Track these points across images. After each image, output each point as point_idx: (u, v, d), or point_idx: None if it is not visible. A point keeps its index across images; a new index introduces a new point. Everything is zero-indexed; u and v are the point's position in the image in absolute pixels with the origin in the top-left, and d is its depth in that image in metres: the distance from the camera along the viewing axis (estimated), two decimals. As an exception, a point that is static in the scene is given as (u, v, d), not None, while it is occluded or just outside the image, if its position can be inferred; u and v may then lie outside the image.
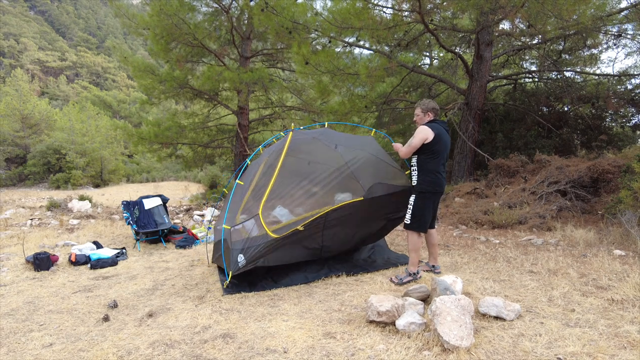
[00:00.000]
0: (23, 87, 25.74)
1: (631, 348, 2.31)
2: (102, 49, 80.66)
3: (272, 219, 3.78)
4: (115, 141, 26.85)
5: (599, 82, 8.88)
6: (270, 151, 4.05)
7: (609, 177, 6.19)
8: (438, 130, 3.60)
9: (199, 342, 2.66)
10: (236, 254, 3.33)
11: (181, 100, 12.69)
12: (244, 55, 11.58)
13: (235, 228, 3.46)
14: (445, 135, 3.66)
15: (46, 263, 4.73)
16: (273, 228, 3.52)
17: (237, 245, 3.39)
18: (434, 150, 3.59)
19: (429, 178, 3.60)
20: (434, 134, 3.56)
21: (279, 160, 3.77)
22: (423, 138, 3.55)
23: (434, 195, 3.65)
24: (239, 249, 3.37)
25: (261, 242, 3.42)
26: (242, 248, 3.38)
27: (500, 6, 6.40)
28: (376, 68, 7.75)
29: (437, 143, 3.58)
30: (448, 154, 3.80)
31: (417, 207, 3.62)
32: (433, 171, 3.60)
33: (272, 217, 3.77)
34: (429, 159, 3.60)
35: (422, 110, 3.79)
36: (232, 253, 3.34)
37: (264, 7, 7.80)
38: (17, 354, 2.63)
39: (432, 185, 3.60)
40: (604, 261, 3.95)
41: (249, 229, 3.50)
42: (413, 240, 3.66)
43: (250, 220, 3.52)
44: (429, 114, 3.77)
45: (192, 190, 17.15)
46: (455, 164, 8.93)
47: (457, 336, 2.35)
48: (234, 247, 3.37)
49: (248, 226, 3.51)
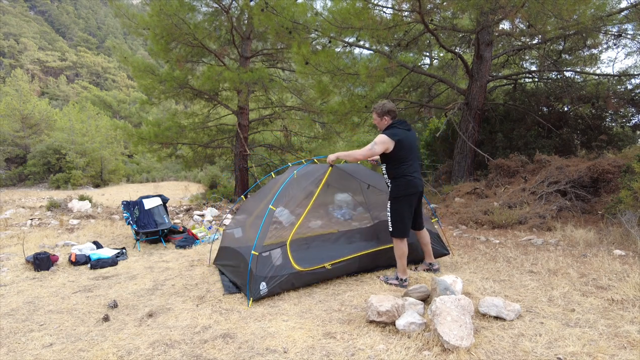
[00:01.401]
0: (23, 87, 25.75)
1: (631, 348, 2.31)
2: (102, 49, 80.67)
3: (278, 225, 3.80)
4: (115, 141, 26.86)
5: (599, 82, 8.88)
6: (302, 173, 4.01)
7: (609, 177, 6.19)
8: (399, 136, 3.49)
9: (199, 342, 2.66)
10: (259, 282, 3.39)
11: (181, 100, 12.68)
12: (244, 55, 11.58)
13: (262, 255, 3.48)
14: (407, 138, 3.55)
15: (46, 263, 4.73)
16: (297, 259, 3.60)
17: (262, 273, 3.43)
18: (398, 157, 3.53)
19: (401, 182, 3.56)
20: (394, 142, 3.47)
21: (315, 193, 3.80)
22: (383, 148, 3.49)
23: (408, 197, 3.58)
24: (262, 277, 3.42)
25: (285, 272, 3.50)
26: (266, 276, 3.43)
27: (500, 6, 6.40)
28: (376, 68, 7.75)
29: (400, 150, 3.51)
30: (418, 152, 3.73)
31: (394, 212, 3.59)
32: (403, 175, 3.55)
33: (278, 223, 3.80)
34: (396, 165, 3.56)
35: (378, 114, 3.67)
36: (256, 280, 3.39)
37: (264, 7, 7.79)
38: (17, 354, 2.63)
39: (404, 189, 3.55)
40: (604, 261, 3.95)
41: (275, 257, 3.55)
42: (397, 246, 3.62)
43: (277, 249, 3.57)
44: (385, 117, 3.65)
45: (192, 190, 17.16)
46: (455, 164, 8.93)
47: (457, 336, 2.35)
48: (258, 274, 3.42)
49: (275, 255, 3.55)
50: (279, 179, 4.26)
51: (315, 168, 4.12)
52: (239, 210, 4.95)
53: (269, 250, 3.52)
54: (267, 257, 3.49)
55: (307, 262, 3.65)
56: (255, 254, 3.43)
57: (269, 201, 3.82)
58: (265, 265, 3.46)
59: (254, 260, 3.42)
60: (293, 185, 3.87)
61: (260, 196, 4.49)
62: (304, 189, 3.83)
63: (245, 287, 3.48)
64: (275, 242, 3.61)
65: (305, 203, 3.78)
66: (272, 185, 4.36)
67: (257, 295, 3.36)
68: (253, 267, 3.41)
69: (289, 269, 3.51)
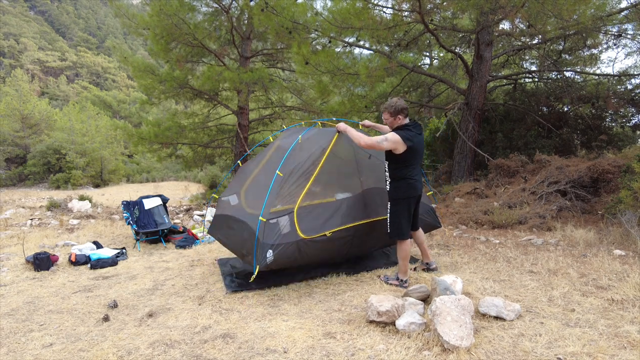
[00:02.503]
0: (23, 87, 25.74)
1: (631, 348, 2.31)
2: (102, 49, 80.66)
3: (287, 192, 3.70)
4: (115, 141, 26.86)
5: (599, 82, 8.87)
6: (306, 138, 3.90)
7: (609, 177, 6.19)
8: (412, 142, 3.41)
9: (199, 342, 2.66)
10: (266, 249, 3.30)
11: (181, 100, 12.68)
12: (244, 55, 11.58)
13: (270, 222, 3.39)
14: (418, 144, 3.50)
15: (46, 263, 4.73)
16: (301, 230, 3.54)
17: (269, 240, 3.34)
18: (404, 160, 3.48)
19: (402, 184, 3.53)
20: (407, 147, 3.39)
21: (321, 160, 3.71)
22: (392, 148, 3.42)
23: (407, 200, 3.56)
24: (269, 244, 3.32)
25: (292, 240, 3.41)
26: (273, 244, 3.34)
27: (500, 6, 6.39)
28: (376, 68, 7.74)
29: (408, 154, 3.44)
30: (423, 155, 3.69)
31: (393, 214, 3.57)
32: (405, 178, 3.51)
33: (286, 191, 3.73)
34: (401, 168, 3.51)
35: (391, 114, 3.53)
36: (263, 247, 3.30)
37: (264, 7, 7.79)
38: (17, 354, 2.63)
39: (404, 192, 3.53)
40: (604, 261, 3.95)
41: (283, 224, 3.45)
42: (400, 248, 3.61)
43: (285, 216, 3.47)
44: (399, 116, 3.52)
45: (192, 190, 17.14)
46: (455, 164, 8.93)
47: (457, 336, 2.35)
48: (265, 241, 3.32)
49: (282, 222, 3.45)
50: (281, 144, 4.15)
51: (319, 133, 3.98)
52: (235, 177, 4.81)
53: (277, 218, 3.43)
54: (274, 225, 3.40)
55: (310, 230, 3.56)
56: (263, 220, 3.34)
57: (273, 166, 3.73)
58: (272, 232, 3.37)
59: (261, 227, 3.33)
60: (298, 150, 3.76)
61: (257, 161, 4.36)
62: (310, 155, 3.73)
63: (249, 256, 3.42)
64: (283, 209, 3.52)
65: (312, 170, 3.68)
66: (270, 150, 4.24)
67: (264, 263, 3.28)
68: (260, 234, 3.33)
69: (294, 236, 3.43)
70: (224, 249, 5.40)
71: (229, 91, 12.20)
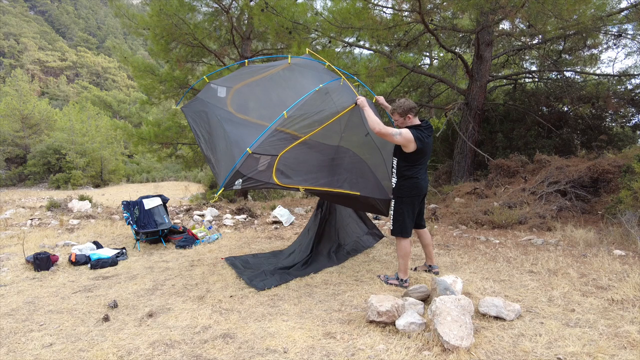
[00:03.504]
0: (23, 87, 25.76)
1: (631, 348, 2.31)
2: (102, 49, 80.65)
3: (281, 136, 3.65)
4: (115, 141, 26.88)
5: (599, 82, 8.88)
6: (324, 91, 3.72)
7: (609, 177, 6.19)
8: (422, 144, 3.43)
9: (199, 342, 2.66)
10: (237, 177, 3.34)
11: (181, 100, 12.69)
12: (244, 55, 11.57)
13: (253, 155, 3.40)
14: (428, 146, 3.51)
15: (46, 263, 4.73)
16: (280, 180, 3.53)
17: (244, 171, 3.36)
18: (412, 159, 3.49)
19: (408, 183, 3.53)
20: (417, 147, 3.41)
21: (326, 123, 3.63)
22: (403, 144, 3.42)
23: (412, 199, 3.57)
24: (242, 175, 3.35)
25: (263, 179, 3.45)
26: (245, 175, 3.37)
27: (500, 6, 6.40)
28: (376, 68, 7.76)
29: (417, 154, 3.46)
30: (430, 156, 3.70)
31: (397, 211, 3.58)
32: (412, 177, 3.52)
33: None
34: (408, 166, 3.52)
35: (400, 114, 3.53)
36: (235, 175, 3.33)
37: (264, 7, 7.79)
38: (17, 354, 2.63)
39: (410, 190, 3.54)
40: (604, 261, 3.95)
41: (262, 162, 3.48)
42: (400, 245, 3.61)
43: (267, 156, 3.47)
44: (409, 115, 3.51)
45: (192, 190, 17.16)
46: (455, 164, 8.93)
47: (457, 336, 2.35)
48: (240, 171, 3.35)
49: (263, 160, 3.47)
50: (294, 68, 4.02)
51: (340, 91, 3.86)
52: (237, 71, 4.63)
53: (260, 155, 3.45)
54: (255, 160, 3.44)
55: (286, 177, 3.56)
56: (249, 152, 3.36)
57: (277, 88, 3.66)
58: (250, 165, 3.40)
59: (244, 157, 3.35)
60: (312, 100, 3.64)
61: (263, 68, 4.24)
62: (320, 112, 3.65)
63: (218, 171, 3.51)
64: (272, 147, 3.51)
65: (314, 126, 3.62)
66: (281, 65, 4.09)
67: (230, 188, 3.36)
68: (239, 163, 3.34)
69: (267, 177, 3.46)
70: (225, 249, 5.40)
71: (229, 91, 12.18)
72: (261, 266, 4.39)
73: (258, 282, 3.87)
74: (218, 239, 6.16)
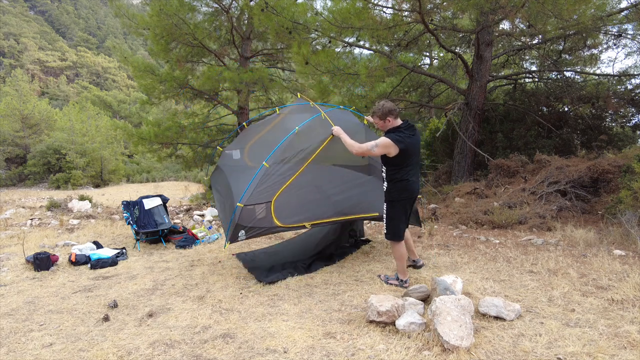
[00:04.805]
0: (23, 87, 25.74)
1: (631, 348, 2.31)
2: (102, 49, 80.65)
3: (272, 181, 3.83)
4: (115, 141, 26.86)
5: (599, 82, 8.87)
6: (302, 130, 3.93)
7: (609, 177, 6.19)
8: (404, 144, 3.38)
9: (199, 342, 2.66)
10: (239, 230, 3.59)
11: (181, 100, 12.67)
12: (244, 55, 11.57)
13: (247, 207, 3.63)
14: (413, 145, 3.46)
15: (46, 263, 4.73)
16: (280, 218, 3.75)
17: (243, 222, 3.62)
18: (399, 162, 3.47)
19: (397, 186, 3.53)
20: (399, 149, 3.37)
21: (309, 159, 3.87)
22: (385, 152, 3.43)
23: (403, 202, 3.58)
24: (243, 226, 3.61)
25: (265, 225, 3.69)
26: (246, 226, 3.62)
27: (500, 6, 6.39)
28: (376, 68, 7.74)
29: (403, 156, 3.43)
30: (420, 155, 3.70)
31: (389, 216, 3.60)
32: (401, 180, 3.51)
33: (272, 179, 3.86)
34: (396, 169, 3.51)
35: (380, 117, 3.51)
36: (236, 228, 3.59)
37: (264, 7, 7.79)
38: (17, 354, 2.63)
39: (401, 193, 3.54)
40: (604, 261, 3.95)
41: (259, 211, 3.71)
42: (395, 249, 3.64)
43: (262, 204, 3.71)
44: (389, 118, 3.49)
45: (192, 190, 17.13)
46: (455, 164, 8.92)
47: (457, 336, 2.35)
48: (240, 223, 3.61)
49: (258, 209, 3.71)
50: (283, 123, 4.29)
51: (319, 126, 4.02)
52: (238, 137, 5.04)
53: (254, 205, 3.68)
54: (251, 210, 3.66)
55: (288, 219, 3.77)
56: (241, 205, 3.59)
57: (266, 151, 3.87)
58: (248, 216, 3.64)
59: (238, 210, 3.59)
60: (292, 143, 3.86)
61: (264, 124, 4.57)
62: (301, 151, 3.88)
63: (226, 226, 3.72)
64: (262, 195, 3.72)
65: (298, 165, 3.85)
66: (273, 120, 4.43)
67: (235, 240, 3.60)
68: (236, 216, 3.59)
69: (269, 222, 3.70)
70: (225, 249, 5.40)
71: (229, 91, 12.19)
72: (274, 258, 4.56)
73: (271, 276, 3.98)
74: (218, 239, 6.16)
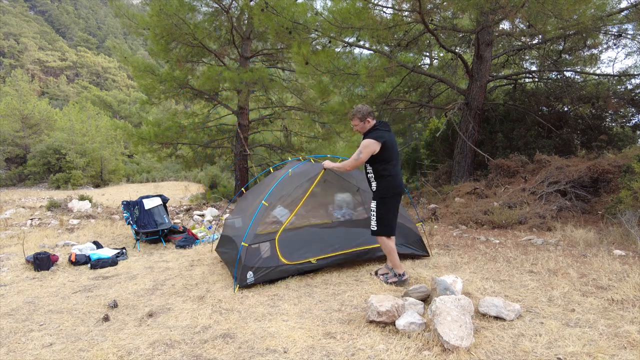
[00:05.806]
0: (23, 87, 25.74)
1: (631, 348, 2.31)
2: (102, 49, 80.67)
3: (272, 219, 3.94)
4: (115, 141, 26.85)
5: (599, 82, 8.87)
6: (296, 172, 4.19)
7: (609, 177, 6.19)
8: (384, 138, 3.59)
9: (199, 342, 2.66)
10: (247, 271, 3.64)
11: (181, 100, 12.67)
12: (244, 55, 11.58)
13: (252, 246, 3.72)
14: (391, 139, 3.66)
15: (46, 263, 4.73)
16: (285, 255, 3.85)
17: (250, 263, 3.67)
18: (384, 158, 3.62)
19: (386, 182, 3.64)
20: (380, 144, 3.56)
21: (309, 190, 4.01)
22: (370, 152, 3.59)
23: (394, 197, 3.68)
24: (250, 267, 3.66)
25: (272, 264, 3.75)
26: (253, 267, 3.68)
27: (500, 6, 6.39)
28: (376, 68, 7.74)
29: (385, 150, 3.60)
30: (398, 152, 3.84)
31: (380, 212, 3.66)
32: (388, 175, 3.64)
33: (273, 217, 3.90)
34: (383, 166, 3.64)
35: (360, 119, 3.70)
36: (244, 269, 3.64)
37: (264, 7, 7.79)
38: (17, 354, 2.63)
39: (390, 189, 3.65)
40: (604, 261, 3.95)
41: (264, 250, 3.79)
42: (384, 244, 3.70)
43: (266, 242, 3.81)
44: (368, 119, 3.69)
45: (192, 190, 17.14)
46: (455, 164, 8.93)
47: (457, 336, 2.35)
48: (246, 264, 3.66)
49: (263, 247, 3.79)
50: (277, 174, 4.42)
51: (310, 167, 4.26)
52: (237, 204, 5.26)
53: (259, 243, 3.76)
54: (256, 249, 3.73)
55: (294, 255, 3.85)
56: (245, 245, 3.67)
57: (263, 196, 4.00)
58: (253, 256, 3.70)
59: (243, 250, 3.66)
60: (287, 182, 4.06)
61: (258, 191, 4.67)
62: (299, 186, 4.01)
63: (234, 272, 3.75)
64: (265, 233, 3.83)
65: (299, 199, 3.96)
66: (269, 181, 4.52)
67: (244, 284, 3.62)
68: (242, 256, 3.65)
69: (275, 261, 3.76)
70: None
71: (229, 91, 12.20)
72: None
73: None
74: (218, 239, 6.16)
